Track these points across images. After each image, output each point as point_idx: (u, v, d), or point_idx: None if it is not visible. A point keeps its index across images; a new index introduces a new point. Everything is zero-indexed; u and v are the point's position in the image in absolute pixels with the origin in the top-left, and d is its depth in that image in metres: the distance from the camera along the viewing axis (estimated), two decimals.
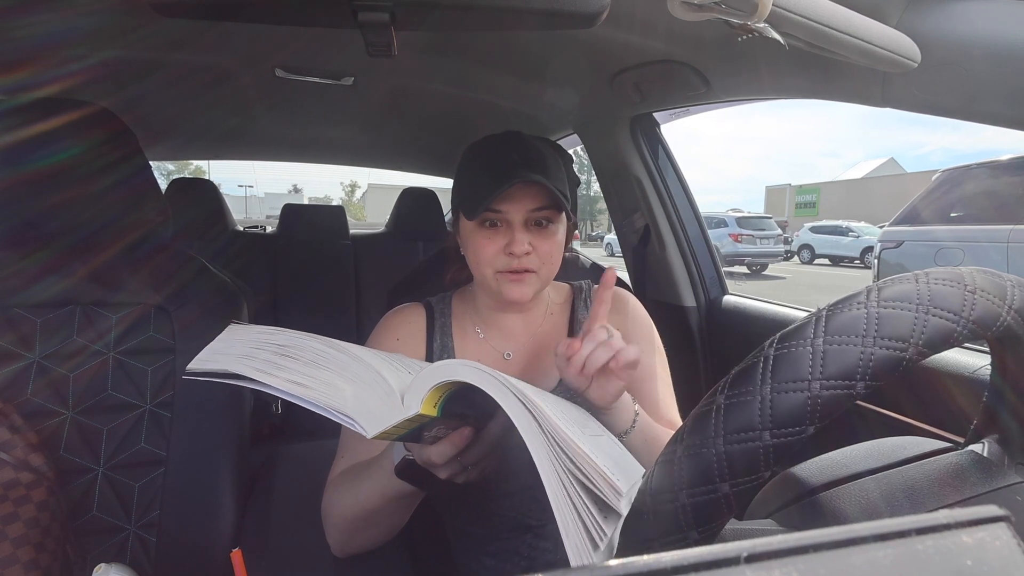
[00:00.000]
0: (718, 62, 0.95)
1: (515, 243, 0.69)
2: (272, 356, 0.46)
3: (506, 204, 0.70)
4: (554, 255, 0.73)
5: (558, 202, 0.69)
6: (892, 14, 0.63)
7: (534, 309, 0.82)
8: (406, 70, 1.25)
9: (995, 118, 0.65)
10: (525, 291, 0.72)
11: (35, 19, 0.88)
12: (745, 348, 0.37)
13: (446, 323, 0.81)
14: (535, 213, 0.71)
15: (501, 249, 0.71)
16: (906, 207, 4.95)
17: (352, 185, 58.71)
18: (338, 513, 0.65)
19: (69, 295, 0.83)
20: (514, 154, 0.70)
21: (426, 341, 0.79)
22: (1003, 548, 0.18)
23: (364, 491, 0.63)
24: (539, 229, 0.72)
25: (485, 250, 0.71)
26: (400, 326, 0.80)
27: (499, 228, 0.71)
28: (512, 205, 0.70)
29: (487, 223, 0.71)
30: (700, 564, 0.16)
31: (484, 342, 0.80)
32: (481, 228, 0.72)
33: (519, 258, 0.70)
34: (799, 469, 0.45)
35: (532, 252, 0.71)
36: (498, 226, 0.71)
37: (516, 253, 0.70)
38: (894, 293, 0.33)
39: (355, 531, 0.66)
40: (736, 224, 12.51)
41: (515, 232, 0.70)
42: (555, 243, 0.73)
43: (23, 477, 0.65)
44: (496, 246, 0.71)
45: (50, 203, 0.79)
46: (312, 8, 0.47)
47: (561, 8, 0.47)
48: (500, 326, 0.81)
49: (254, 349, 0.47)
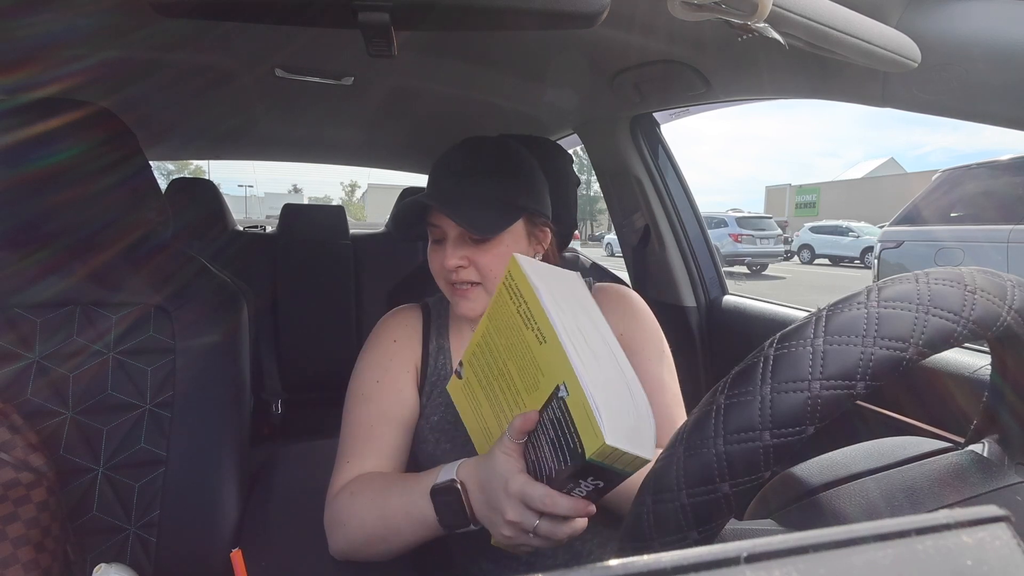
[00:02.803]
0: (718, 62, 0.95)
1: (447, 257, 0.70)
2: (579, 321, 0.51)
3: (438, 219, 0.71)
4: (496, 269, 0.71)
5: (472, 224, 0.67)
6: (892, 14, 0.63)
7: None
8: (406, 70, 1.25)
9: (995, 118, 0.65)
10: (472, 306, 0.72)
11: (35, 19, 0.88)
12: (745, 348, 0.37)
13: (443, 324, 0.81)
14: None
15: (442, 263, 0.71)
16: (906, 207, 4.95)
17: (352, 185, 58.75)
18: (358, 524, 0.64)
19: (69, 295, 0.83)
20: (457, 164, 0.72)
21: (422, 342, 0.79)
22: (1003, 548, 0.18)
23: (393, 505, 0.62)
24: (478, 244, 0.71)
25: (433, 263, 0.74)
26: (396, 328, 0.80)
27: (442, 241, 0.72)
28: (443, 220, 0.71)
29: (435, 238, 0.73)
30: (700, 564, 0.16)
31: None
32: (432, 241, 0.74)
33: (454, 272, 0.71)
34: (799, 469, 0.45)
35: (469, 266, 0.71)
36: (441, 240, 0.72)
37: (448, 267, 0.70)
38: (894, 293, 0.33)
39: (370, 544, 0.65)
40: (736, 224, 12.50)
41: (447, 247, 0.71)
42: (496, 256, 0.71)
43: (23, 477, 0.65)
44: (438, 259, 0.72)
45: (50, 203, 0.79)
46: (312, 8, 0.47)
47: (561, 8, 0.47)
48: None
49: (569, 303, 0.52)
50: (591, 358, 0.48)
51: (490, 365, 0.59)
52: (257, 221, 5.71)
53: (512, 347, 0.55)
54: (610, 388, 0.46)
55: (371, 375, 0.76)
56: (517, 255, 0.56)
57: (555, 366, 0.48)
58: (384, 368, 0.76)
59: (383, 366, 0.76)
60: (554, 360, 0.48)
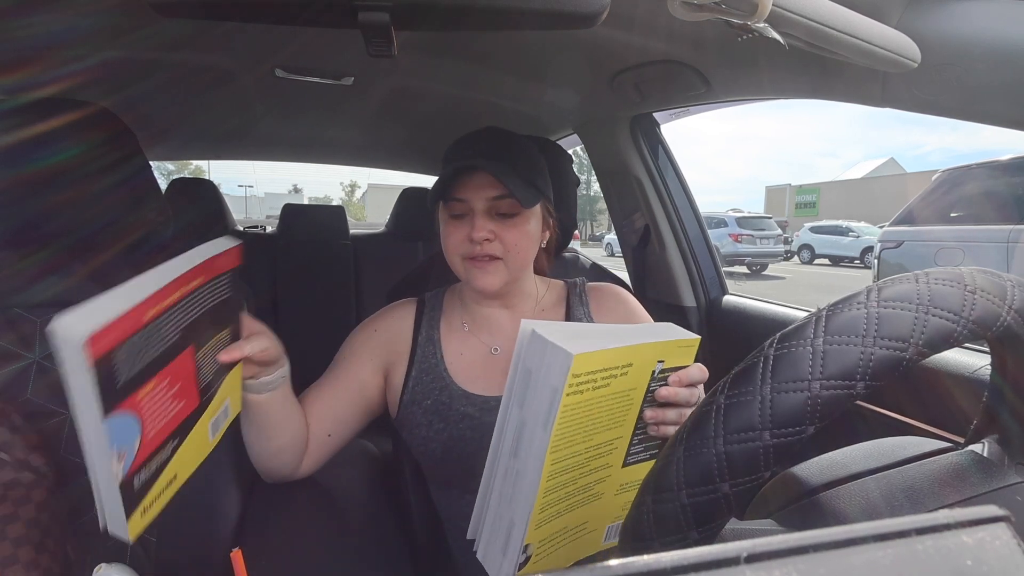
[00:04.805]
0: (718, 62, 0.95)
1: (474, 229, 0.73)
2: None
3: (467, 192, 0.73)
4: (521, 245, 0.75)
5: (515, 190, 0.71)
6: (892, 14, 0.63)
7: (521, 304, 0.83)
8: (406, 70, 1.25)
9: (995, 118, 0.65)
10: (491, 280, 0.75)
11: (35, 19, 0.88)
12: (745, 348, 0.37)
13: (435, 316, 0.84)
14: (496, 202, 0.73)
15: (465, 236, 0.74)
16: (906, 207, 4.95)
17: (352, 185, 58.73)
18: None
19: (69, 295, 0.83)
20: (481, 144, 0.74)
21: (413, 332, 0.82)
22: (1003, 548, 0.18)
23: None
24: (504, 219, 0.74)
25: (452, 237, 0.76)
26: (384, 319, 0.85)
27: (464, 217, 0.75)
28: (472, 193, 0.73)
29: (455, 213, 0.75)
30: (700, 564, 0.16)
31: (469, 335, 0.82)
32: (450, 217, 0.76)
33: (480, 244, 0.73)
34: (799, 469, 0.45)
35: (495, 240, 0.74)
36: (463, 215, 0.75)
37: (475, 239, 0.72)
38: (894, 293, 0.33)
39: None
40: (736, 224, 12.50)
41: (475, 218, 0.73)
42: (522, 233, 0.75)
43: (23, 477, 0.65)
44: (461, 233, 0.75)
45: (50, 203, 0.79)
46: (312, 8, 0.47)
47: (561, 8, 0.47)
48: (486, 320, 0.82)
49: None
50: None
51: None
52: (257, 221, 5.72)
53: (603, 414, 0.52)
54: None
55: (345, 351, 0.83)
56: (533, 326, 0.50)
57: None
58: (354, 351, 0.82)
59: (355, 349, 0.82)
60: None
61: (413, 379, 0.80)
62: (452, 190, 0.74)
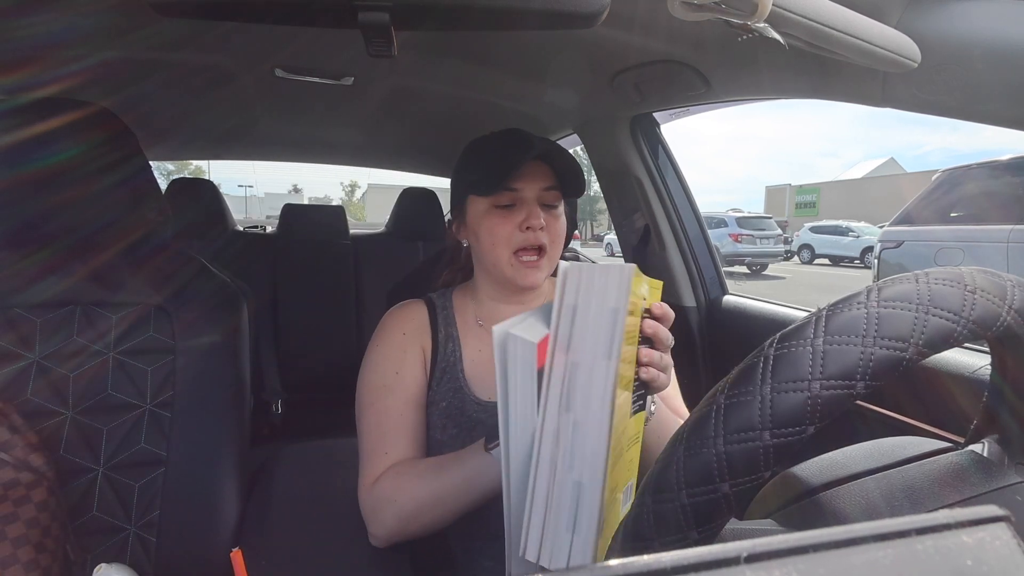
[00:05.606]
0: (718, 62, 0.95)
1: (533, 215, 0.73)
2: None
3: (521, 182, 0.74)
4: (561, 235, 0.78)
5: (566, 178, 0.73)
6: (892, 14, 0.63)
7: (533, 301, 0.84)
8: (406, 70, 1.25)
9: (995, 118, 0.65)
10: (539, 276, 0.76)
11: (35, 19, 0.88)
12: (745, 348, 0.37)
13: (448, 315, 0.83)
14: (546, 192, 0.75)
15: (517, 226, 0.74)
16: (906, 207, 4.94)
17: (352, 185, 58.76)
18: (408, 497, 0.68)
19: (69, 295, 0.83)
20: (524, 138, 0.75)
21: (431, 332, 0.81)
22: (1003, 548, 0.18)
23: (446, 470, 0.67)
24: (549, 209, 0.76)
25: (501, 228, 0.74)
26: (405, 321, 0.82)
27: (513, 207, 0.75)
28: (526, 183, 0.74)
29: (502, 204, 0.75)
30: (700, 564, 0.16)
31: (485, 332, 0.82)
32: (496, 209, 0.75)
33: (536, 232, 0.73)
34: (799, 469, 0.45)
35: (543, 229, 0.75)
36: (512, 206, 0.75)
37: (534, 227, 0.73)
38: (894, 293, 0.33)
39: (421, 512, 0.68)
40: (736, 224, 12.50)
41: (531, 207, 0.74)
42: (563, 224, 0.78)
43: (23, 477, 0.65)
44: (512, 224, 0.74)
45: (50, 203, 0.79)
46: (312, 8, 0.47)
47: (561, 8, 0.47)
48: (501, 316, 0.82)
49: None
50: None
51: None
52: (257, 221, 5.71)
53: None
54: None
55: (389, 366, 0.78)
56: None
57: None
58: (400, 360, 0.78)
59: (399, 357, 0.78)
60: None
61: (436, 378, 0.79)
62: (508, 180, 0.73)
